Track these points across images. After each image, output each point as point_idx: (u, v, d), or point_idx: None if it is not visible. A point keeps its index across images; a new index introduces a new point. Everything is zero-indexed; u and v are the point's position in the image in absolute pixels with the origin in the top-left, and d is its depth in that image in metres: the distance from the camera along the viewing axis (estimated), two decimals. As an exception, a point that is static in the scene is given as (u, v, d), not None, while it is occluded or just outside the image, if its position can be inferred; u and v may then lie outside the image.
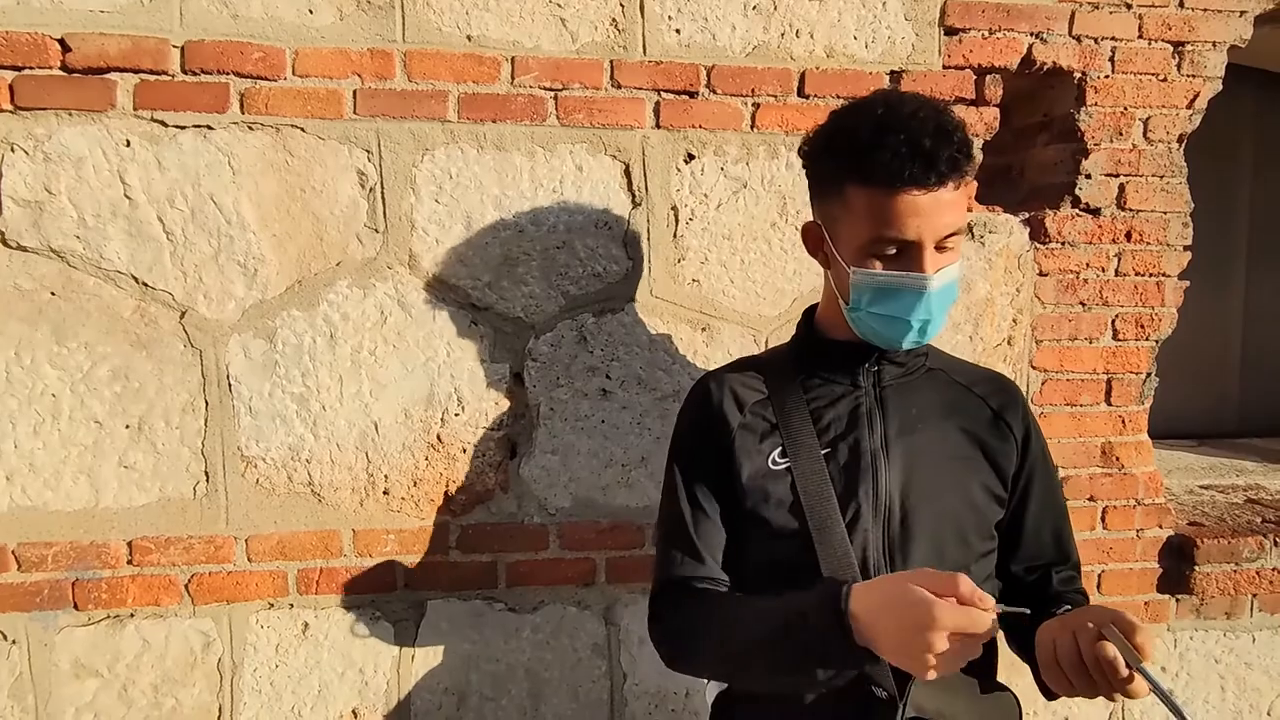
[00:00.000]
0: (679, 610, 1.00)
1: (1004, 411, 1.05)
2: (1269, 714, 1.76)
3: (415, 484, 1.44)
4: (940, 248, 0.90)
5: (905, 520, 0.96)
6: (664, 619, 1.02)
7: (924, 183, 0.85)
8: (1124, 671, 0.76)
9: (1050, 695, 0.94)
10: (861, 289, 0.92)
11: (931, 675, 0.75)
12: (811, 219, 1.01)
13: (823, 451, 0.98)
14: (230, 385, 1.38)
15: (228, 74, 1.32)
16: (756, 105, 1.45)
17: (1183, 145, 1.60)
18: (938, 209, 0.87)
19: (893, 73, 1.49)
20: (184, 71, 1.31)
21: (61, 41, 1.27)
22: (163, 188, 1.33)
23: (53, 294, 1.32)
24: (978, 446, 1.02)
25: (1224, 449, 2.41)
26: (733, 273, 1.48)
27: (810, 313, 1.10)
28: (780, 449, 0.99)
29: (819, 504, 0.95)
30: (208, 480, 1.38)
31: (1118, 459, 1.64)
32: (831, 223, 0.95)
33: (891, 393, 1.01)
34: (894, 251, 0.89)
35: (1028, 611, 0.82)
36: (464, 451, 1.44)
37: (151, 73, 1.30)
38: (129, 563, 1.37)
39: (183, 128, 1.32)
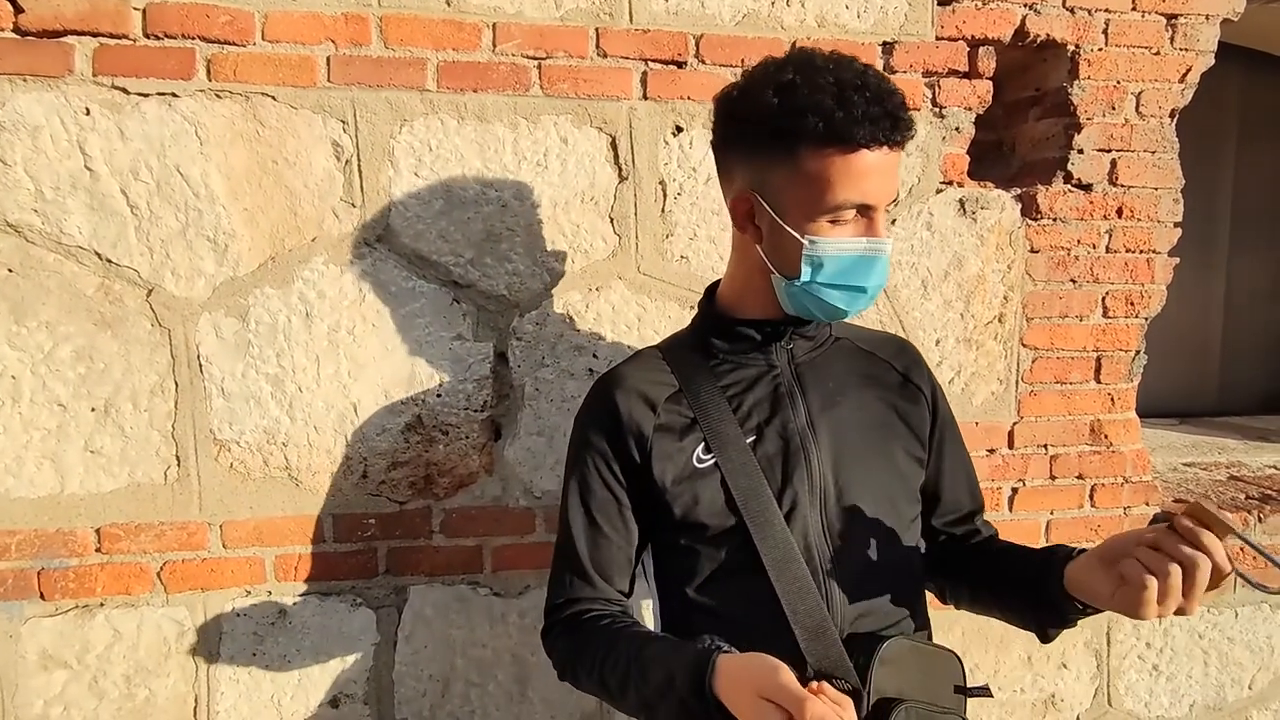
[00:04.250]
0: (567, 636, 0.97)
1: (910, 373, 1.05)
2: (1250, 688, 1.78)
3: (396, 467, 1.39)
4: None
5: (841, 499, 0.94)
6: (553, 641, 1.00)
7: (891, 141, 0.83)
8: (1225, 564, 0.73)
9: (1049, 638, 0.95)
10: (819, 259, 0.87)
11: None
12: (739, 192, 0.92)
13: (748, 440, 0.93)
14: (201, 366, 1.32)
15: (193, 39, 1.25)
16: (746, 76, 1.41)
17: (1174, 120, 1.59)
18: (892, 170, 0.86)
19: (885, 43, 1.45)
20: (146, 36, 1.24)
21: (13, 2, 1.19)
22: (126, 158, 1.26)
23: (10, 271, 1.26)
24: (894, 412, 1.01)
25: (1205, 427, 2.43)
26: (722, 249, 1.45)
27: (711, 291, 1.05)
28: (703, 444, 0.94)
29: (753, 499, 0.91)
30: (179, 465, 1.33)
31: (1106, 437, 1.64)
32: (774, 192, 0.88)
33: (807, 368, 0.98)
34: (849, 217, 0.86)
35: None
36: (446, 433, 1.40)
37: (111, 36, 1.23)
38: (97, 551, 1.32)
39: (146, 95, 1.26)
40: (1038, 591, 0.92)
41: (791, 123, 0.83)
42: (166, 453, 1.33)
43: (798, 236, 0.87)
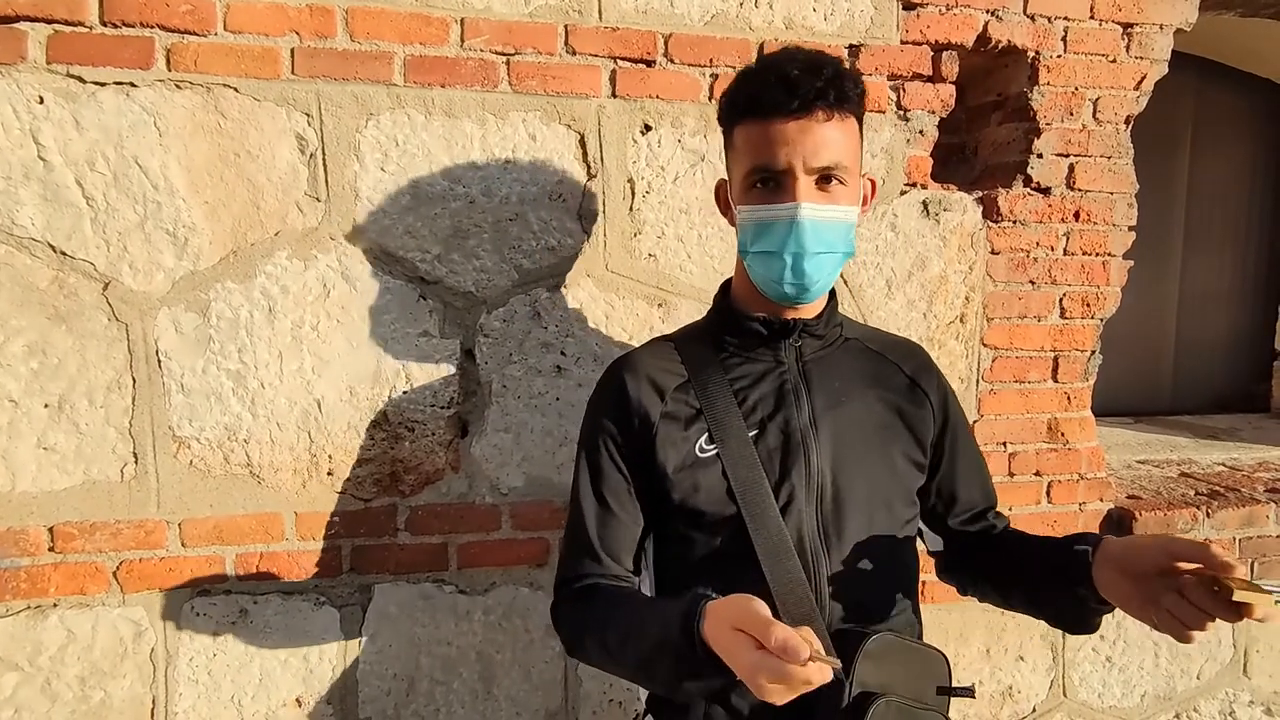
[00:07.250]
0: (573, 610, 0.99)
1: (918, 377, 1.07)
2: (1198, 678, 1.83)
3: (361, 464, 1.38)
4: (821, 186, 0.89)
5: (837, 497, 0.96)
6: (561, 613, 1.01)
7: (786, 108, 0.87)
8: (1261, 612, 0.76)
9: (1092, 629, 0.97)
10: (745, 227, 0.94)
11: (777, 701, 0.71)
12: (719, 179, 1.04)
13: (751, 434, 0.96)
14: (160, 361, 1.30)
15: (152, 27, 1.23)
16: (715, 76, 1.42)
17: (1129, 126, 1.63)
18: (807, 137, 0.87)
19: (851, 46, 1.47)
20: (103, 23, 1.22)
21: (-37, -14, 1.17)
22: (81, 149, 1.23)
23: (-41, 262, 1.22)
24: (897, 414, 1.03)
25: (1159, 426, 2.50)
26: (690, 247, 1.46)
27: (726, 287, 1.07)
28: (707, 435, 0.96)
29: (751, 491, 0.93)
30: (136, 462, 1.31)
31: (1063, 434, 1.68)
32: (729, 173, 0.98)
33: (814, 366, 1.00)
34: (770, 185, 0.91)
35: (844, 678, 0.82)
36: (412, 430, 1.39)
37: (66, 23, 1.21)
38: (51, 550, 1.29)
39: (102, 84, 1.23)
40: (1069, 595, 0.94)
41: (726, 109, 0.94)
42: (123, 450, 1.30)
43: (734, 208, 0.96)
